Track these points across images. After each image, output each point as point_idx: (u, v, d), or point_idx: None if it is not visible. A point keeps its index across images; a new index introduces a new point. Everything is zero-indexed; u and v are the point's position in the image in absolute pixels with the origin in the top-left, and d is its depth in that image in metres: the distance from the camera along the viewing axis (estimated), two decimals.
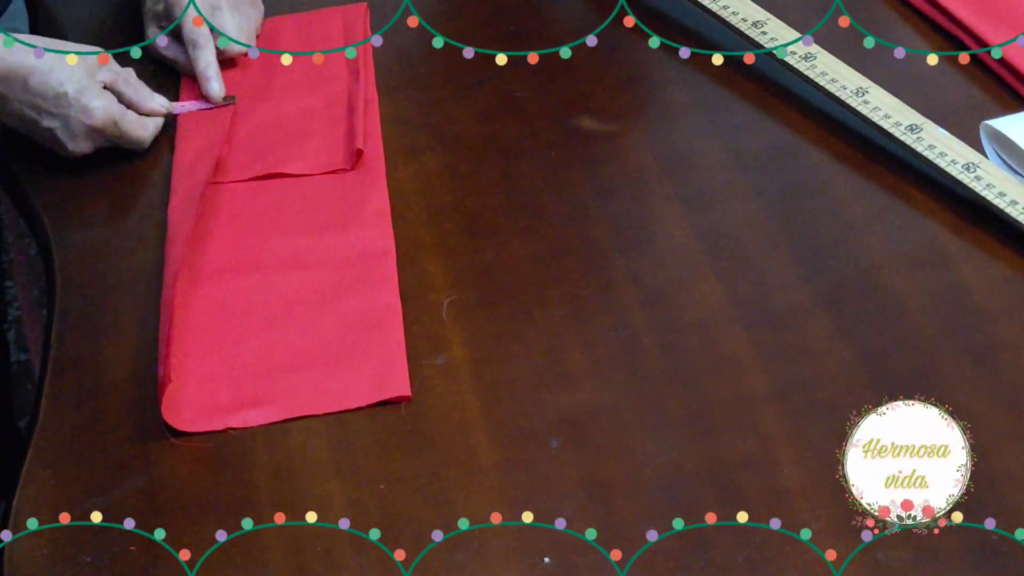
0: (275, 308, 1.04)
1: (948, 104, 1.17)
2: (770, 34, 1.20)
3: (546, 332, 1.02)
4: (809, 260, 1.07)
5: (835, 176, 1.14)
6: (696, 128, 1.19)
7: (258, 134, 1.19)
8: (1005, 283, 1.04)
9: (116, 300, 1.07)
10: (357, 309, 1.04)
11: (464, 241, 1.10)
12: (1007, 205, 1.06)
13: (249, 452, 0.96)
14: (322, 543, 0.90)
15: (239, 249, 1.09)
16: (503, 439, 0.95)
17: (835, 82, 1.16)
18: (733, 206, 1.11)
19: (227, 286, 1.06)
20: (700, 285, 1.05)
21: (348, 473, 0.94)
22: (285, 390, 0.99)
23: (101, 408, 0.98)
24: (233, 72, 1.24)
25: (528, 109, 1.21)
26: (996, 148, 1.12)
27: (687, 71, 1.22)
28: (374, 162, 1.15)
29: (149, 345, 1.02)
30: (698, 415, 0.96)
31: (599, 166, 1.15)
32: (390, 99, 1.22)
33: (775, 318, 1.03)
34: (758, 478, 0.92)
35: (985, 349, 0.99)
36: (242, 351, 1.01)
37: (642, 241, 1.10)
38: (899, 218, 1.10)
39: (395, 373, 0.99)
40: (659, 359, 1.00)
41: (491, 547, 0.89)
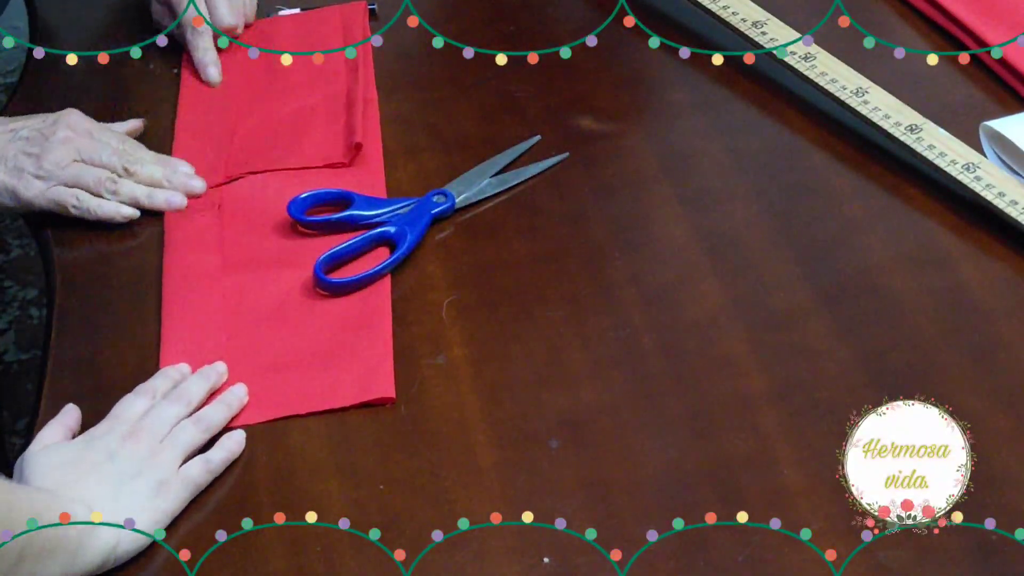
0: (267, 308, 1.04)
1: (948, 104, 1.17)
2: (770, 34, 1.20)
3: (546, 332, 1.02)
4: (809, 260, 1.07)
5: (835, 176, 1.14)
6: (696, 128, 1.19)
7: (257, 132, 1.19)
8: (1005, 283, 1.04)
9: (116, 300, 1.07)
10: (347, 310, 1.04)
11: (464, 241, 1.10)
12: (1007, 205, 1.06)
13: (249, 452, 0.96)
14: (322, 543, 0.90)
15: (234, 248, 1.09)
16: (503, 439, 0.95)
17: (835, 82, 1.16)
18: (733, 206, 1.11)
19: (219, 285, 1.06)
20: (700, 285, 1.05)
21: (348, 473, 0.94)
22: (272, 390, 0.99)
23: (101, 408, 0.98)
24: (233, 70, 1.24)
25: (528, 109, 1.21)
26: (996, 149, 1.12)
27: (687, 71, 1.22)
28: (373, 161, 1.15)
29: (149, 345, 1.03)
30: (698, 415, 0.96)
31: (599, 166, 1.15)
32: (390, 99, 1.22)
33: (775, 318, 1.03)
34: (758, 478, 0.92)
35: (985, 349, 0.99)
36: (233, 350, 1.01)
37: (642, 241, 1.10)
38: (899, 218, 1.10)
39: (381, 374, 0.99)
40: (659, 359, 1.00)
41: (491, 547, 0.89)
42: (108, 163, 1.12)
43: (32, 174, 1.10)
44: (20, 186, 1.10)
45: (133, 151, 1.14)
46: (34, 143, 1.11)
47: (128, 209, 1.11)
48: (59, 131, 1.11)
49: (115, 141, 1.13)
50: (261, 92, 1.23)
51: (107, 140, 1.13)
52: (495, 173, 1.14)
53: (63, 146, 1.10)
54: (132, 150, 1.14)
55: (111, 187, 1.11)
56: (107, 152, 1.12)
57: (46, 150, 1.10)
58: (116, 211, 1.11)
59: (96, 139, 1.12)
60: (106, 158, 1.12)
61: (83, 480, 0.90)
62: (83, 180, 1.10)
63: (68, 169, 1.10)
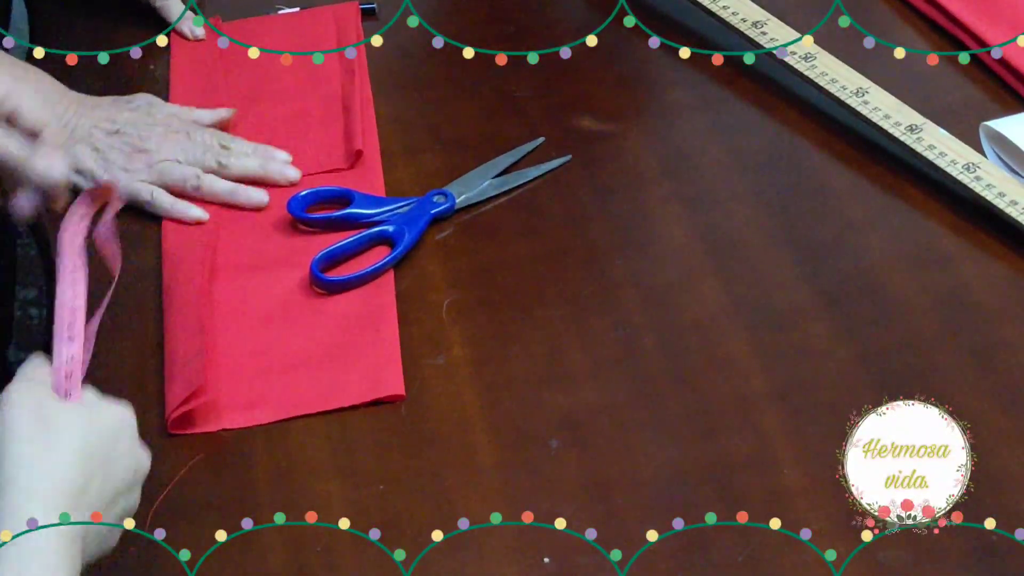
0: (270, 308, 1.04)
1: (948, 104, 1.17)
2: (770, 34, 1.20)
3: (546, 332, 1.02)
4: (809, 260, 1.07)
5: (835, 176, 1.14)
6: (696, 128, 1.19)
7: (253, 136, 1.18)
8: (1005, 283, 1.04)
9: (116, 300, 1.07)
10: (352, 309, 1.04)
11: (464, 241, 1.10)
12: (1007, 205, 1.06)
13: (249, 452, 0.96)
14: (322, 543, 0.90)
15: (235, 249, 1.09)
16: (503, 439, 0.95)
17: (835, 82, 1.16)
18: (733, 206, 1.11)
19: (223, 286, 1.06)
20: (700, 285, 1.05)
21: (348, 473, 0.94)
22: (279, 391, 0.99)
23: None
24: (227, 72, 1.23)
25: (528, 109, 1.21)
26: (996, 149, 1.12)
27: (687, 71, 1.22)
28: (371, 162, 1.15)
29: (149, 345, 1.02)
30: (698, 415, 0.96)
31: (599, 166, 1.15)
32: (390, 99, 1.22)
33: (775, 318, 1.03)
34: (758, 478, 0.92)
35: (985, 349, 0.99)
36: (236, 351, 1.01)
37: (642, 241, 1.10)
38: (899, 218, 1.10)
39: (389, 372, 0.99)
40: (659, 359, 1.00)
41: (491, 547, 0.89)
42: (200, 161, 1.11)
43: (121, 167, 1.10)
44: (105, 175, 1.09)
45: (228, 143, 1.13)
46: (129, 137, 1.11)
47: (197, 211, 1.10)
48: (156, 127, 1.12)
49: (209, 138, 1.13)
50: (254, 92, 1.22)
51: (202, 139, 1.13)
52: (497, 174, 1.14)
53: (160, 144, 1.11)
54: (228, 142, 1.13)
55: (195, 184, 1.11)
56: (200, 150, 1.12)
57: (141, 147, 1.11)
58: (185, 212, 1.11)
59: (192, 139, 1.12)
60: (199, 156, 1.12)
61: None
62: (168, 178, 1.10)
63: (156, 166, 1.10)
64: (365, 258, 1.07)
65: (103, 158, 1.10)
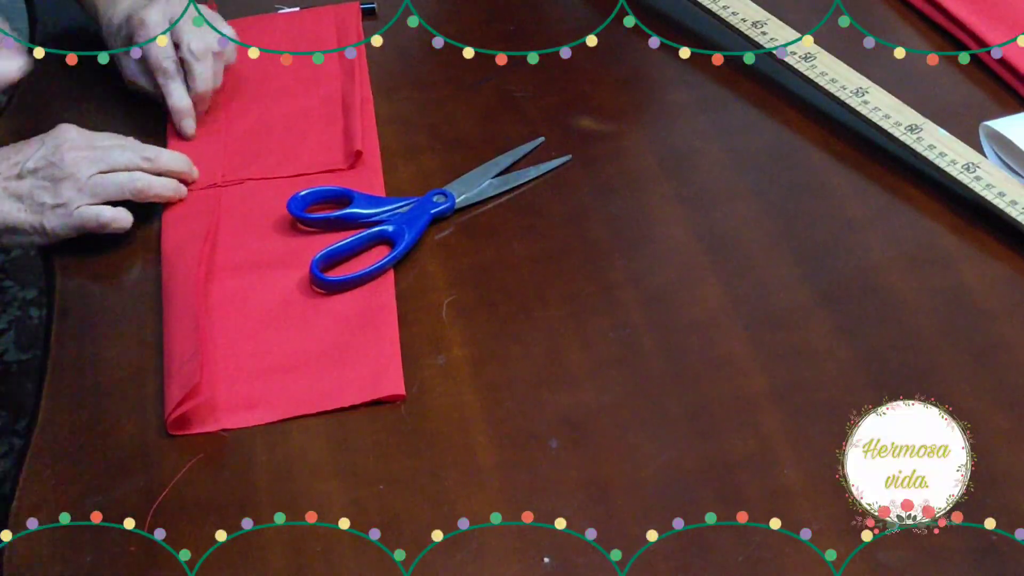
0: (270, 308, 1.04)
1: (948, 104, 1.17)
2: (770, 34, 1.20)
3: (546, 332, 1.02)
4: (809, 260, 1.07)
5: (835, 176, 1.14)
6: (696, 128, 1.19)
7: (253, 135, 1.18)
8: (1005, 283, 1.04)
9: (116, 300, 1.07)
10: (352, 309, 1.04)
11: (464, 241, 1.10)
12: (1007, 205, 1.06)
13: (249, 452, 0.96)
14: (322, 543, 0.90)
15: (235, 249, 1.09)
16: (503, 439, 0.95)
17: (835, 82, 1.16)
18: (733, 206, 1.11)
19: (222, 285, 1.06)
20: (700, 285, 1.05)
21: (348, 473, 0.94)
22: (279, 391, 0.99)
23: (101, 408, 0.98)
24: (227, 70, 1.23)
25: (528, 109, 1.21)
26: (995, 148, 1.12)
27: (687, 71, 1.22)
28: (371, 162, 1.15)
29: (149, 345, 1.02)
30: (698, 415, 0.96)
31: (599, 166, 1.15)
32: (390, 99, 1.22)
33: (775, 318, 1.03)
34: (758, 478, 0.92)
35: (985, 349, 0.99)
36: (237, 352, 1.01)
37: (642, 241, 1.10)
38: (899, 218, 1.10)
39: (390, 372, 0.99)
40: (659, 359, 1.00)
41: (491, 547, 0.89)
42: (125, 163, 1.10)
43: (52, 205, 1.07)
44: (45, 221, 1.07)
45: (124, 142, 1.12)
46: (45, 174, 1.08)
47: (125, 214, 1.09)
48: (65, 154, 1.08)
49: (117, 141, 1.12)
50: (254, 92, 1.22)
51: (110, 143, 1.11)
52: (497, 174, 1.14)
53: (76, 167, 1.08)
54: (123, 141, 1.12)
55: (134, 187, 1.09)
56: (116, 152, 1.10)
57: (60, 177, 1.08)
58: (128, 219, 1.09)
59: (99, 147, 1.10)
60: (120, 158, 1.10)
61: None
62: (105, 191, 1.08)
63: (88, 185, 1.08)
64: (365, 258, 1.07)
65: (31, 203, 1.08)
